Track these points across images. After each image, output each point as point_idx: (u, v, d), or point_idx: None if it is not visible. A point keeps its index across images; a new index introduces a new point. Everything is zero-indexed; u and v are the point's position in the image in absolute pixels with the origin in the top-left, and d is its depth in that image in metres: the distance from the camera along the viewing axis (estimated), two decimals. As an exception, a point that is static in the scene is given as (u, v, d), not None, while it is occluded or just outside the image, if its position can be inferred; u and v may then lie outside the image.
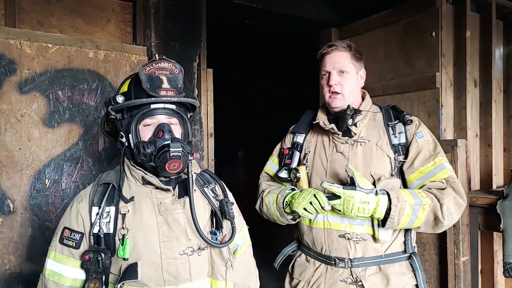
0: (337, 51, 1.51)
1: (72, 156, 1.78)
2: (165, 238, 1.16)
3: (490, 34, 2.42)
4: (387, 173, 1.45)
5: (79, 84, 1.80)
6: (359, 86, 1.56)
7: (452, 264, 2.17)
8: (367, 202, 1.33)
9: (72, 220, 1.18)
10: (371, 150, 1.48)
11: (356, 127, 1.49)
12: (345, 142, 1.50)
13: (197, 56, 2.11)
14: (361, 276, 1.43)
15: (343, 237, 1.45)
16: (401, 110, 1.54)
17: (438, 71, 2.23)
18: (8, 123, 1.65)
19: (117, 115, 1.18)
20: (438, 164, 1.43)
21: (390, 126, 1.50)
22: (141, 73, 1.14)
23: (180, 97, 1.17)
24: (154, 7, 1.97)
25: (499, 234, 2.29)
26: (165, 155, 1.08)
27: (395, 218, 1.34)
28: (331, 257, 1.48)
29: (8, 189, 1.65)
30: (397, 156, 1.47)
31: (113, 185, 1.19)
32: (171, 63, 1.19)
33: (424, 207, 1.35)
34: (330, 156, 1.52)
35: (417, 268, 1.47)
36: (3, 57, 1.64)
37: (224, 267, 1.22)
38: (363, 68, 1.57)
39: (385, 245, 1.46)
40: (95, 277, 1.11)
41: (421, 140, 1.46)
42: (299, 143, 1.62)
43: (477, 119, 2.45)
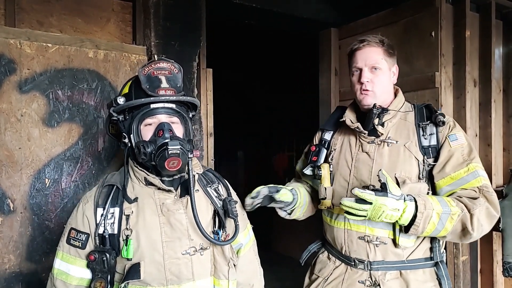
0: (369, 46, 1.44)
1: (72, 156, 1.78)
2: (167, 238, 1.17)
3: (489, 33, 2.42)
4: (414, 176, 1.38)
5: (79, 84, 1.80)
6: (391, 82, 1.49)
7: (451, 264, 2.17)
8: (397, 209, 1.25)
9: (78, 221, 1.21)
10: (398, 151, 1.41)
11: (383, 126, 1.42)
12: (371, 141, 1.44)
13: (196, 56, 2.11)
14: (380, 280, 1.39)
15: (362, 239, 1.41)
16: (434, 109, 1.45)
17: (438, 71, 2.23)
18: (8, 122, 1.65)
19: (119, 116, 1.20)
20: (471, 171, 1.34)
21: (421, 126, 1.42)
22: (140, 74, 1.16)
23: (179, 96, 1.18)
24: (154, 6, 1.97)
25: (498, 233, 2.30)
26: (164, 153, 1.10)
27: (420, 225, 1.27)
28: (351, 257, 1.45)
29: (8, 188, 1.65)
30: (427, 158, 1.38)
31: (117, 186, 1.21)
32: (170, 63, 1.20)
33: (453, 216, 1.27)
34: (355, 156, 1.47)
35: (443, 276, 1.39)
36: (3, 56, 1.64)
37: (227, 267, 1.23)
38: (395, 64, 1.50)
39: (407, 250, 1.39)
40: (101, 277, 1.14)
41: (454, 144, 1.37)
42: (326, 140, 1.58)
43: (476, 119, 2.45)
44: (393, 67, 1.49)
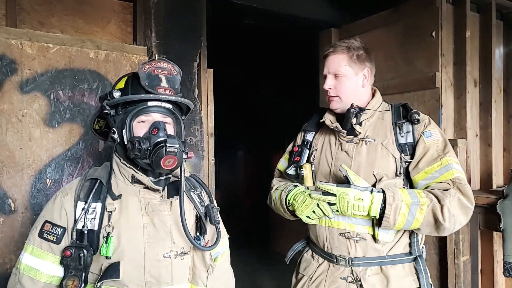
0: (334, 54, 1.50)
1: (72, 156, 1.79)
2: (150, 239, 1.14)
3: (490, 34, 2.42)
4: (391, 173, 1.43)
5: (80, 84, 1.81)
6: (359, 86, 1.52)
7: (452, 264, 2.17)
8: (361, 199, 1.31)
9: (54, 213, 1.14)
10: (375, 149, 1.46)
11: (360, 126, 1.47)
12: (350, 141, 1.49)
13: (197, 56, 2.11)
14: (361, 275, 1.43)
15: (343, 235, 1.45)
16: (410, 108, 1.50)
17: (438, 71, 2.23)
18: (9, 123, 1.66)
19: (112, 110, 1.17)
20: (444, 164, 1.38)
21: (398, 125, 1.47)
22: (140, 71, 1.14)
23: (178, 97, 1.18)
24: (154, 7, 1.97)
25: (499, 233, 2.29)
26: (161, 151, 1.08)
27: (390, 217, 1.31)
28: (333, 254, 1.49)
29: (9, 188, 1.65)
30: (404, 156, 1.43)
31: (100, 181, 1.17)
32: (170, 64, 1.20)
33: (422, 207, 1.32)
34: (335, 155, 1.52)
35: (421, 271, 1.43)
36: (4, 57, 1.65)
37: (206, 273, 1.22)
38: (367, 68, 1.53)
39: (387, 246, 1.43)
40: (74, 274, 1.08)
41: (428, 140, 1.42)
42: (308, 141, 1.63)
43: (477, 119, 2.45)
44: (362, 71, 1.52)
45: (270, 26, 2.91)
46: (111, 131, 1.18)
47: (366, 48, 1.55)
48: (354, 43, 1.52)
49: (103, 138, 1.33)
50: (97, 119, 1.27)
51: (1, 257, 1.64)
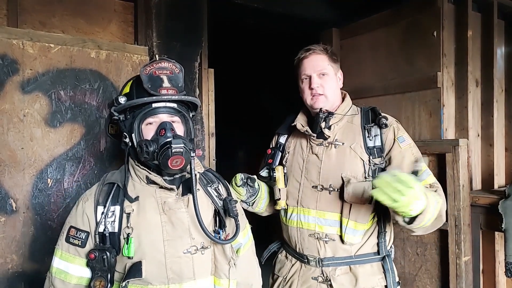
0: (315, 54, 1.53)
1: (74, 156, 1.79)
2: (169, 236, 1.17)
3: (491, 33, 2.42)
4: (359, 175, 1.46)
5: (81, 84, 1.81)
6: (338, 87, 1.58)
7: (453, 264, 2.16)
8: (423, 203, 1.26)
9: (78, 219, 1.20)
10: (344, 152, 1.50)
11: (329, 129, 1.52)
12: (320, 144, 1.53)
13: (198, 56, 2.11)
14: (331, 275, 1.47)
15: (313, 236, 1.50)
16: (379, 112, 1.53)
17: (440, 71, 2.23)
18: (11, 122, 1.66)
19: (120, 116, 1.20)
20: (424, 169, 1.45)
21: (366, 128, 1.51)
22: (142, 73, 1.16)
23: (181, 96, 1.18)
24: (155, 7, 1.97)
25: (500, 234, 2.29)
26: (167, 152, 1.09)
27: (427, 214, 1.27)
28: (304, 255, 1.53)
29: (11, 188, 1.65)
30: (372, 158, 1.47)
31: (118, 184, 1.21)
32: (171, 63, 1.21)
33: (438, 204, 1.35)
34: (306, 157, 1.56)
35: (388, 270, 1.48)
36: (5, 57, 1.65)
37: (227, 266, 1.23)
38: (340, 70, 1.60)
39: (355, 246, 1.47)
40: (101, 275, 1.13)
41: (403, 145, 1.47)
42: (281, 144, 1.67)
43: (478, 119, 2.44)
44: (338, 73, 1.58)
45: (271, 26, 2.91)
46: (123, 136, 1.21)
47: (335, 52, 1.62)
48: (326, 46, 1.58)
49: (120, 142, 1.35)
50: (110, 125, 1.30)
51: (3, 257, 1.64)
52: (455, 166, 2.11)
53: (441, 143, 2.19)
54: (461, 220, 2.12)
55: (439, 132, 2.25)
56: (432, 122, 2.29)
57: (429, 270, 2.30)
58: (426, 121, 2.32)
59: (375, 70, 2.59)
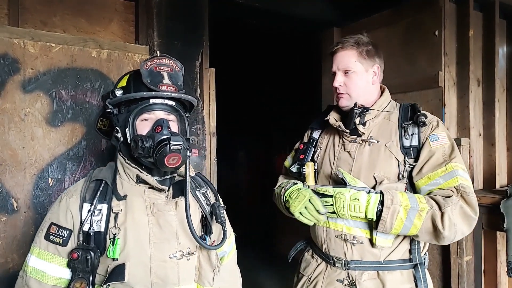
0: (342, 50, 1.45)
1: (75, 155, 1.79)
2: (155, 239, 1.13)
3: (493, 33, 2.41)
4: (393, 176, 1.38)
5: (82, 83, 1.81)
6: (369, 83, 1.47)
7: (455, 264, 2.16)
8: (357, 199, 1.29)
9: (60, 215, 1.13)
10: (378, 151, 1.41)
11: (364, 126, 1.43)
12: (353, 141, 1.45)
13: (199, 55, 2.11)
14: (357, 279, 1.40)
15: (339, 237, 1.42)
16: (418, 109, 1.43)
17: (441, 70, 2.22)
18: (12, 122, 1.66)
19: (114, 109, 1.15)
20: (449, 170, 1.32)
21: (403, 127, 1.42)
22: (142, 68, 1.13)
23: (180, 94, 1.16)
24: (156, 6, 1.97)
25: (502, 233, 2.28)
26: (165, 148, 1.06)
27: (387, 220, 1.27)
28: (330, 256, 1.47)
29: (12, 188, 1.65)
30: (408, 159, 1.38)
31: (106, 182, 1.15)
32: (172, 60, 1.18)
33: (421, 213, 1.26)
34: (337, 154, 1.48)
35: (419, 279, 1.38)
36: (6, 56, 1.65)
37: (212, 273, 1.20)
38: (376, 64, 1.47)
39: (384, 251, 1.39)
40: (82, 277, 1.07)
41: (435, 144, 1.36)
42: (314, 139, 1.59)
43: (480, 118, 2.44)
44: (372, 68, 1.46)
45: (272, 25, 2.91)
46: (115, 130, 1.16)
47: (375, 43, 1.49)
48: (362, 38, 1.47)
49: (107, 138, 1.31)
50: (100, 119, 1.26)
51: (4, 257, 1.64)
52: (456, 165, 2.11)
53: (442, 143, 2.19)
54: (463, 219, 2.11)
55: (440, 132, 2.25)
56: (433, 121, 2.28)
57: (430, 270, 2.28)
58: (428, 121, 2.31)
59: (376, 70, 2.58)
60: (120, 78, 1.23)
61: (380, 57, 1.49)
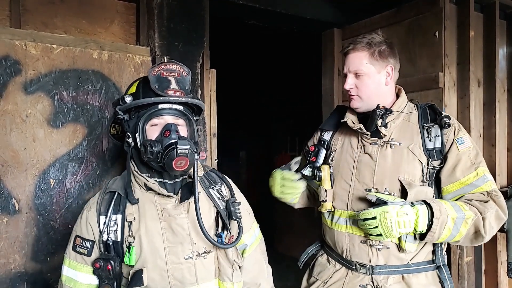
0: (354, 51, 1.42)
1: (76, 156, 1.79)
2: (169, 243, 1.18)
3: (493, 33, 2.42)
4: (417, 179, 1.36)
5: (84, 85, 1.81)
6: (382, 84, 1.43)
7: (455, 265, 2.16)
8: (405, 213, 1.23)
9: (82, 228, 1.22)
10: (401, 153, 1.38)
11: (386, 128, 1.40)
12: (374, 143, 1.41)
13: (200, 56, 2.12)
14: (382, 284, 1.37)
15: (365, 243, 1.39)
16: (439, 111, 1.42)
17: (441, 71, 2.22)
18: (14, 123, 1.66)
19: (125, 115, 1.20)
20: (480, 175, 1.33)
21: (426, 128, 1.39)
22: (150, 74, 1.16)
23: (188, 98, 1.19)
24: (157, 7, 1.98)
25: (502, 234, 2.29)
26: (172, 152, 1.09)
27: (436, 231, 1.25)
28: (352, 261, 1.43)
29: (13, 189, 1.66)
30: (431, 161, 1.36)
31: (118, 193, 1.21)
32: (180, 66, 1.21)
33: (467, 221, 1.27)
34: (357, 157, 1.44)
35: (445, 280, 1.38)
36: (8, 58, 1.65)
37: (231, 269, 1.23)
38: (390, 65, 1.43)
39: (410, 254, 1.38)
40: (107, 283, 1.15)
41: (462, 147, 1.34)
42: (326, 141, 1.55)
43: (480, 119, 2.44)
44: (385, 69, 1.43)
45: (272, 26, 2.91)
46: (126, 136, 1.21)
47: (389, 42, 1.46)
48: (375, 38, 1.43)
49: (120, 143, 1.34)
50: (113, 125, 1.30)
51: (5, 257, 1.64)
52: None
53: (443, 144, 2.19)
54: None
55: (441, 133, 2.25)
56: (434, 122, 2.28)
57: (431, 271, 2.30)
58: (428, 122, 2.32)
59: (376, 71, 2.59)
60: (130, 85, 1.27)
61: (394, 57, 1.46)
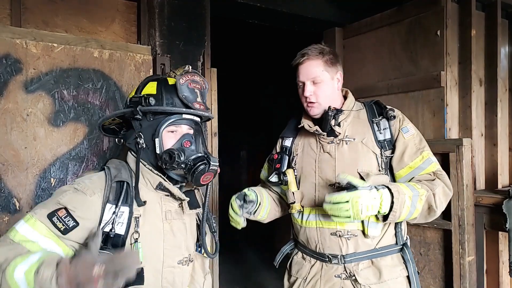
0: (309, 60, 1.51)
1: (77, 155, 1.79)
2: (168, 246, 1.18)
3: (495, 33, 2.41)
4: (374, 169, 1.48)
5: (84, 84, 1.81)
6: (335, 89, 1.56)
7: (457, 264, 2.16)
8: (374, 197, 1.32)
9: (78, 206, 1.06)
10: (356, 147, 1.50)
11: (339, 126, 1.51)
12: (331, 142, 1.52)
13: (201, 55, 2.11)
14: (354, 270, 1.47)
15: (334, 234, 1.48)
16: (384, 105, 1.54)
17: (443, 70, 2.22)
18: (14, 122, 1.66)
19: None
20: (425, 158, 1.47)
21: (375, 122, 1.52)
22: (179, 82, 1.16)
23: (209, 113, 1.23)
24: (158, 6, 1.97)
25: (504, 234, 2.28)
26: (204, 168, 1.11)
27: (397, 210, 1.35)
28: (325, 254, 1.52)
29: (14, 188, 1.66)
30: (384, 151, 1.49)
31: (128, 184, 1.14)
32: (202, 79, 1.23)
33: (421, 198, 1.38)
34: (317, 157, 1.54)
35: (408, 260, 1.50)
36: (9, 56, 1.65)
37: (203, 278, 1.30)
38: (339, 71, 1.56)
39: (375, 239, 1.48)
40: None
41: (407, 135, 1.48)
42: (287, 147, 1.65)
43: (482, 118, 2.43)
44: (336, 75, 1.55)
45: (274, 25, 2.90)
46: (136, 135, 1.17)
47: (334, 51, 1.59)
48: (325, 48, 1.54)
49: (108, 135, 1.35)
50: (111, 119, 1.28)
51: (6, 256, 1.64)
52: (458, 165, 2.11)
53: (444, 143, 2.19)
54: (465, 220, 2.11)
55: (442, 132, 2.24)
56: (435, 121, 2.28)
57: (432, 270, 2.29)
58: (430, 121, 2.31)
59: (378, 70, 2.58)
60: (143, 83, 1.22)
61: (340, 64, 1.59)
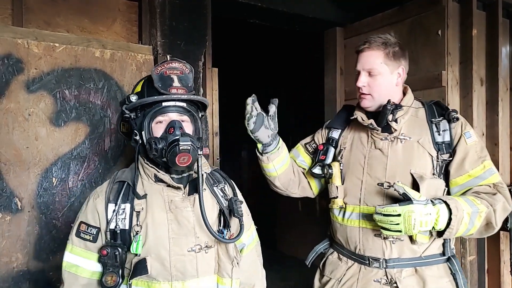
0: (369, 50, 1.43)
1: (78, 155, 1.79)
2: (174, 235, 1.20)
3: (496, 32, 2.41)
4: (428, 172, 1.40)
5: (86, 83, 1.81)
6: (393, 85, 1.46)
7: (458, 264, 2.16)
8: (429, 213, 1.25)
9: (88, 215, 1.22)
10: (411, 147, 1.42)
11: (396, 122, 1.43)
12: (384, 138, 1.44)
13: (202, 55, 2.11)
14: (396, 277, 1.39)
15: (379, 236, 1.41)
16: (445, 106, 1.47)
17: (444, 70, 2.22)
18: (16, 122, 1.66)
19: (131, 114, 1.23)
20: (487, 168, 1.38)
21: (434, 123, 1.43)
22: (153, 73, 1.20)
23: (190, 95, 1.22)
24: (159, 6, 1.97)
25: (505, 233, 2.28)
26: (175, 149, 1.13)
27: (454, 227, 1.29)
28: (365, 256, 1.45)
29: (16, 187, 1.66)
30: (440, 154, 1.40)
31: (127, 183, 1.24)
32: (182, 63, 1.24)
33: (481, 214, 1.31)
34: (368, 153, 1.47)
35: (456, 271, 1.41)
36: (10, 56, 1.65)
37: (230, 265, 1.25)
38: (402, 66, 1.47)
39: (422, 246, 1.40)
40: (112, 271, 1.16)
41: (469, 141, 1.40)
42: (334, 139, 1.57)
43: (483, 118, 2.43)
44: (397, 69, 1.46)
45: (275, 25, 2.90)
46: (133, 133, 1.24)
47: (401, 44, 1.49)
48: (390, 39, 1.46)
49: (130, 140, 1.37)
50: (122, 123, 1.32)
51: (8, 256, 1.64)
52: (460, 165, 2.11)
53: (445, 142, 2.19)
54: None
55: (443, 131, 2.24)
56: (436, 121, 2.28)
57: (433, 270, 2.29)
58: (431, 120, 2.31)
59: (379, 69, 2.58)
60: (136, 84, 1.29)
61: (406, 59, 1.49)
